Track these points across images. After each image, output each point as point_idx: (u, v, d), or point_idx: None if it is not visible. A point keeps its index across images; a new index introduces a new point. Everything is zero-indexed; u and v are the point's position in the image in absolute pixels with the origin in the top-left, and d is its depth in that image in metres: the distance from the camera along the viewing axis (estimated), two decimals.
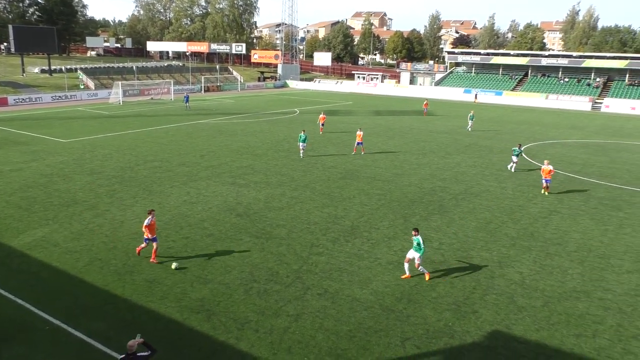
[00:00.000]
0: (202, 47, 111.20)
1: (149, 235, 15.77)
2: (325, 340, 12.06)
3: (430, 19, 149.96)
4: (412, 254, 15.33)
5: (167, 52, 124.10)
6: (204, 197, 23.05)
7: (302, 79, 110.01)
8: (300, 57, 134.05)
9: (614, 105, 77.20)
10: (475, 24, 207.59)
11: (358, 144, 33.99)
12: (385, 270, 15.97)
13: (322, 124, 42.24)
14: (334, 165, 30.26)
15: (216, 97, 75.64)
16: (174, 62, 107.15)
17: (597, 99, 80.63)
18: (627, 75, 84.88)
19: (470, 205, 23.34)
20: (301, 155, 32.06)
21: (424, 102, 61.78)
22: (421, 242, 15.14)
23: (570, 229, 20.48)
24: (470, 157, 34.49)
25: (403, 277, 15.42)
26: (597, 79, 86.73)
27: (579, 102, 79.42)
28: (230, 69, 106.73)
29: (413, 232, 15.32)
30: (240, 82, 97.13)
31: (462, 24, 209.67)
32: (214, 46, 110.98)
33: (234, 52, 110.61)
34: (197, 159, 31.17)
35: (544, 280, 15.70)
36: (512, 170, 30.43)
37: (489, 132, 46.77)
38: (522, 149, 31.64)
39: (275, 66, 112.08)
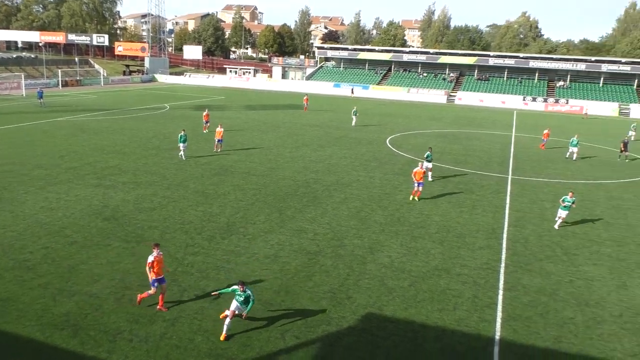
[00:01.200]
0: (58, 37, 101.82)
1: (155, 276, 12.93)
2: (204, 341, 11.84)
3: (300, 14, 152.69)
4: (237, 307, 12.19)
5: (16, 42, 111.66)
6: (65, 202, 21.25)
7: (171, 73, 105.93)
8: (169, 50, 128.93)
9: (465, 97, 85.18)
10: (342, 20, 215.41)
11: (218, 141, 32.61)
12: (262, 265, 16.07)
13: (207, 122, 40.79)
14: (207, 162, 29.64)
15: (76, 93, 69.90)
16: (24, 54, 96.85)
17: (452, 92, 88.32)
18: (476, 71, 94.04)
19: (342, 195, 24.32)
20: (181, 156, 30.13)
21: (304, 97, 62.40)
22: (251, 295, 12.22)
23: (432, 213, 22.28)
24: (341, 149, 35.89)
25: (222, 338, 11.99)
26: (451, 74, 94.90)
27: (436, 95, 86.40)
28: (92, 62, 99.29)
29: (239, 287, 12.07)
30: (104, 76, 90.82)
31: (330, 20, 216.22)
32: (72, 37, 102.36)
33: (95, 43, 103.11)
34: (56, 160, 28.60)
35: (410, 262, 16.91)
36: (430, 179, 27.28)
37: (358, 125, 48.88)
38: (432, 152, 28.45)
39: (142, 59, 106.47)
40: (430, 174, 27.45)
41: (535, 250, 18.57)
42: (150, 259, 12.95)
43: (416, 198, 23.85)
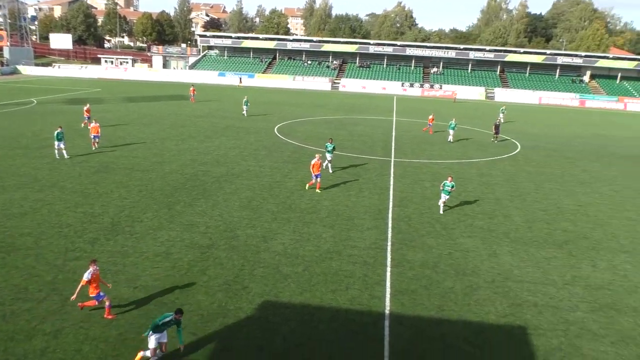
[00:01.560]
0: None
1: (95, 292, 12.49)
2: (93, 350, 11.17)
3: (179, 1, 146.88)
4: (158, 341, 10.88)
5: None
6: None
7: (37, 64, 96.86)
8: (33, 39, 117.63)
9: (349, 84, 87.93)
10: (224, 7, 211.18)
11: (94, 137, 30.03)
12: (153, 263, 15.47)
13: (88, 117, 37.60)
14: (85, 160, 27.68)
15: None
16: None
17: (336, 79, 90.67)
18: (358, 58, 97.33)
19: (232, 186, 24.08)
20: (58, 155, 27.54)
21: (191, 88, 60.15)
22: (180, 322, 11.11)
23: (322, 198, 22.86)
24: (229, 140, 35.42)
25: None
26: (334, 62, 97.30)
27: (321, 83, 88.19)
28: None
29: (175, 316, 10.89)
30: None
31: (211, 7, 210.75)
32: None
33: None
34: None
35: (303, 247, 17.26)
36: (330, 170, 27.19)
37: (247, 114, 48.43)
38: (334, 143, 28.02)
39: (0, 49, 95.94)
40: (330, 165, 27.33)
41: (418, 227, 19.86)
42: (87, 276, 12.25)
43: (317, 190, 23.60)
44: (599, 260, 17.64)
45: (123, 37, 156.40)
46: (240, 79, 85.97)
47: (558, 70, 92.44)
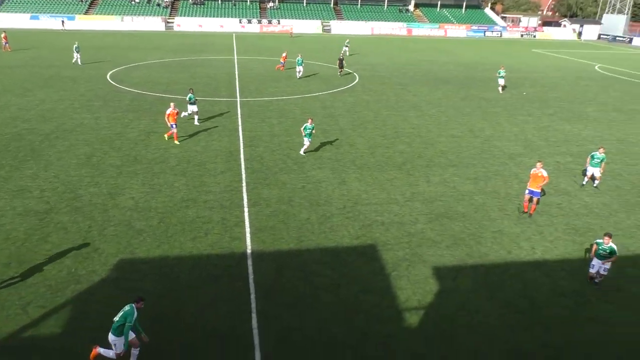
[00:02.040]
0: None
1: None
2: None
3: None
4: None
5: None
6: None
7: None
8: None
9: (184, 24, 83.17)
10: None
11: None
12: None
13: None
14: None
15: None
16: None
17: (169, 18, 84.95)
18: None
19: (66, 142, 21.88)
20: None
21: (3, 35, 51.36)
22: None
23: (169, 146, 21.91)
24: (56, 91, 31.74)
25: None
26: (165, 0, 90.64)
27: (154, 23, 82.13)
28: None
29: (137, 305, 9.58)
30: None
31: None
32: None
33: None
34: None
35: (155, 199, 16.58)
36: (197, 123, 25.38)
37: (78, 61, 43.55)
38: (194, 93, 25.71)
39: None
40: (196, 116, 25.54)
41: (270, 165, 20.17)
42: None
43: (176, 141, 22.30)
44: (432, 175, 19.73)
45: None
46: (63, 21, 76.27)
47: (386, 1, 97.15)
